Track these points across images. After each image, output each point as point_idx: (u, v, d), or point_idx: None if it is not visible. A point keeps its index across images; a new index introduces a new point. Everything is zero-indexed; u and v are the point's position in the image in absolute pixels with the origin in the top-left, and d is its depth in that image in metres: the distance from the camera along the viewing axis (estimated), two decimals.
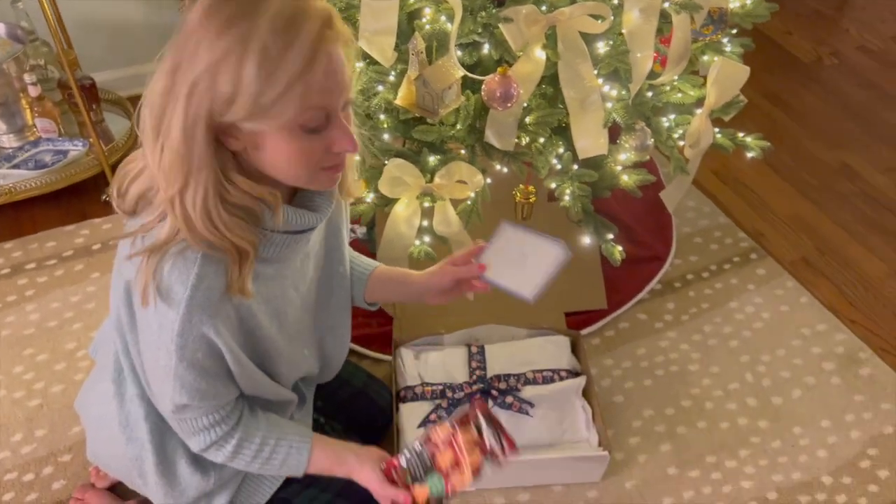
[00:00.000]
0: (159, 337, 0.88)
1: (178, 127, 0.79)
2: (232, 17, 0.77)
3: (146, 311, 0.88)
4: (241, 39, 0.76)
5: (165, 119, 0.80)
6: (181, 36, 0.79)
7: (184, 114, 0.79)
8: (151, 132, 0.82)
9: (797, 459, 1.52)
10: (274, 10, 0.77)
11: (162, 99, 0.80)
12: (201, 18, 0.78)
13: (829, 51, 2.74)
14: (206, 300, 0.87)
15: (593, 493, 1.46)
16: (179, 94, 0.78)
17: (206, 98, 0.78)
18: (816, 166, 2.25)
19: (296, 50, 0.77)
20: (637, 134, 1.40)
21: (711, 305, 1.82)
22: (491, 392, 1.47)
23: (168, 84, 0.79)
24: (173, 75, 0.79)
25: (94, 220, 1.97)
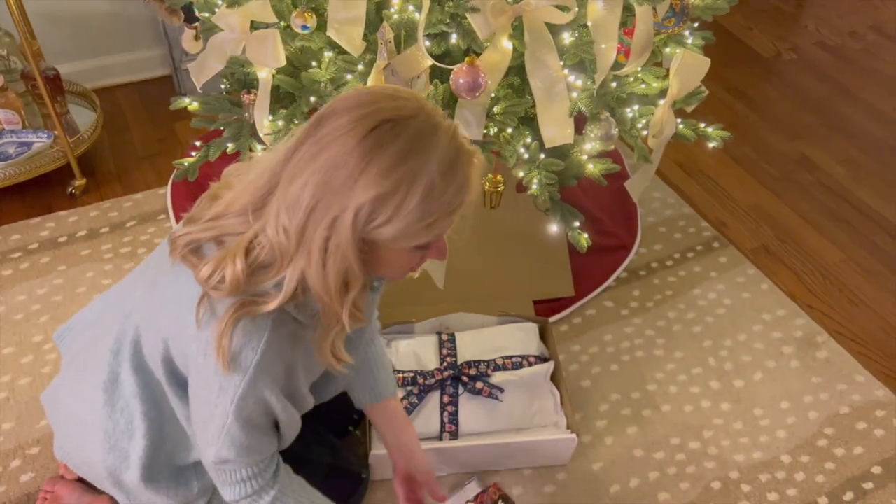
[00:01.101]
0: (218, 397, 0.91)
1: (322, 237, 0.83)
2: (403, 154, 0.80)
3: (206, 369, 0.91)
4: (411, 177, 0.81)
5: (309, 230, 0.83)
6: (332, 153, 0.81)
7: (332, 231, 0.82)
8: (294, 236, 0.84)
9: (758, 440, 1.57)
10: (441, 149, 0.82)
11: (307, 213, 0.83)
12: (365, 150, 0.80)
13: (788, 46, 2.81)
14: (271, 365, 0.91)
15: (562, 476, 1.49)
16: (328, 212, 0.82)
17: (361, 221, 0.82)
18: (776, 157, 2.31)
19: (455, 187, 0.84)
20: (602, 124, 1.43)
21: (675, 292, 1.87)
22: (461, 378, 1.49)
23: (313, 201, 0.82)
24: (321, 192, 0.81)
25: (60, 213, 1.95)
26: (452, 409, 1.47)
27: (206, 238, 0.90)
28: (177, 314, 0.94)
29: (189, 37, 1.55)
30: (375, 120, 0.81)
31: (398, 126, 0.81)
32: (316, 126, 0.84)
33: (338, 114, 0.83)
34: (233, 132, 1.56)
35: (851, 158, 2.31)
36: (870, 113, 2.50)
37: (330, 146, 0.81)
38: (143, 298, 1.03)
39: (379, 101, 0.83)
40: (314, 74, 1.41)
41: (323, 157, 0.82)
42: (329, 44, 1.37)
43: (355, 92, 0.86)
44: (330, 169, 0.81)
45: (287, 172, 0.84)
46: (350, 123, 0.81)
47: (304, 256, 0.85)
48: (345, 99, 0.85)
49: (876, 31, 2.91)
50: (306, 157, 0.83)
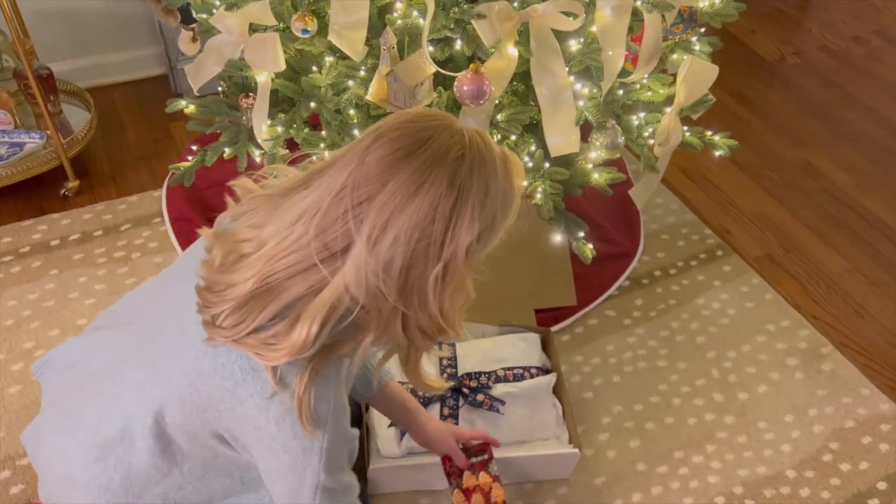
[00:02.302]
0: (304, 459, 0.91)
1: (435, 286, 0.83)
2: (484, 182, 0.83)
3: (282, 435, 0.89)
4: (495, 200, 0.84)
5: (410, 284, 0.83)
6: (417, 204, 0.80)
7: (447, 277, 0.83)
8: (395, 294, 0.83)
9: (762, 454, 1.54)
10: (496, 161, 0.85)
11: (405, 270, 0.82)
12: (454, 194, 0.81)
13: (791, 50, 2.79)
14: (343, 406, 0.92)
15: (563, 490, 1.46)
16: (432, 263, 0.82)
17: (472, 253, 0.85)
18: (780, 164, 2.28)
19: (513, 189, 0.88)
20: (608, 132, 1.40)
21: (679, 302, 1.84)
22: (462, 390, 1.46)
23: (410, 259, 0.81)
24: (418, 248, 0.81)
25: (53, 216, 1.91)
26: (453, 422, 1.44)
27: (266, 317, 0.85)
28: (226, 388, 0.90)
29: (186, 38, 1.52)
30: (450, 164, 0.81)
31: (468, 160, 0.82)
32: (372, 178, 0.81)
33: (399, 161, 0.81)
34: (230, 136, 1.52)
35: (855, 165, 2.29)
36: (874, 119, 2.48)
37: (411, 201, 0.80)
38: (165, 372, 0.96)
39: (436, 137, 0.83)
40: (314, 79, 1.37)
41: (407, 212, 0.80)
42: (330, 48, 1.34)
43: (398, 134, 0.83)
44: (421, 224, 0.80)
45: (364, 234, 0.81)
46: (423, 173, 0.80)
47: (418, 308, 0.85)
48: (395, 143, 0.82)
49: (880, 36, 2.88)
50: (382, 215, 0.80)
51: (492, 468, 1.34)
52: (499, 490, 1.32)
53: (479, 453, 1.35)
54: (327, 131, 1.42)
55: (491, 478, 1.33)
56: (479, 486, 1.31)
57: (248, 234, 0.87)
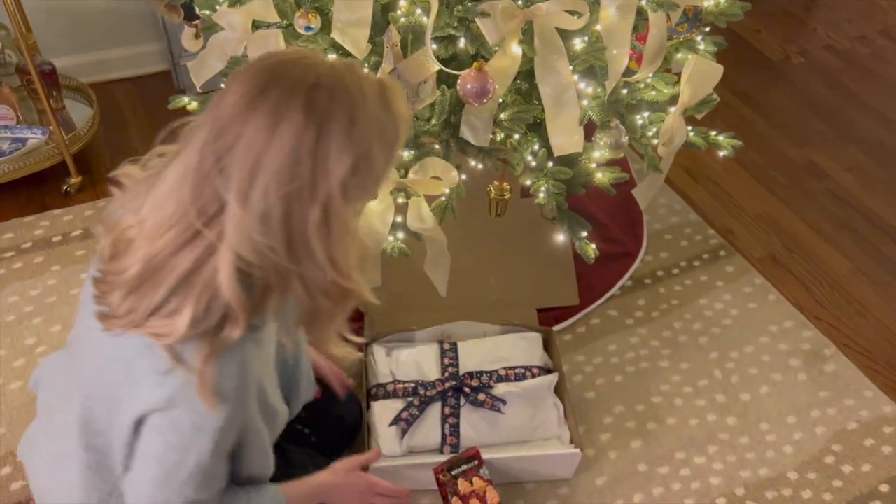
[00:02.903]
0: (192, 438, 0.84)
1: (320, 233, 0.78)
2: (351, 110, 0.77)
3: (172, 416, 0.84)
4: (368, 127, 0.78)
5: (297, 233, 0.78)
6: (278, 145, 0.74)
7: (329, 221, 0.78)
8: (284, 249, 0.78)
9: (764, 455, 1.54)
10: (370, 88, 0.80)
11: (285, 220, 0.77)
12: (317, 125, 0.75)
13: (796, 49, 2.78)
14: (251, 384, 0.86)
15: (564, 490, 1.46)
16: (313, 206, 0.77)
17: (351, 193, 0.79)
18: (784, 164, 2.27)
19: (394, 119, 0.83)
20: (612, 131, 1.40)
21: (681, 302, 1.83)
22: (463, 389, 1.46)
23: (286, 205, 0.76)
24: (291, 191, 0.75)
25: (55, 211, 1.91)
26: (454, 421, 1.44)
27: (161, 297, 0.80)
28: (121, 370, 0.86)
29: (189, 35, 1.51)
30: (303, 94, 0.75)
31: (326, 87, 0.76)
32: (229, 125, 0.75)
33: (251, 102, 0.74)
34: None
35: (860, 166, 2.28)
36: (878, 119, 2.47)
37: (271, 143, 0.74)
38: (80, 373, 0.93)
39: (284, 71, 0.76)
40: None
41: (269, 156, 0.74)
42: (333, 46, 1.33)
43: (247, 76, 0.77)
44: (287, 166, 0.74)
45: (232, 189, 0.75)
46: (277, 110, 0.74)
47: (307, 261, 0.79)
48: (245, 85, 0.76)
49: (885, 36, 2.87)
50: (246, 164, 0.74)
51: (483, 473, 1.35)
52: (493, 493, 1.33)
53: (470, 460, 1.36)
54: None
55: (484, 482, 1.33)
56: (475, 490, 1.32)
57: (131, 219, 0.83)
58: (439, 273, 1.53)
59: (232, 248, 0.77)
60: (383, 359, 1.53)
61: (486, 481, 1.35)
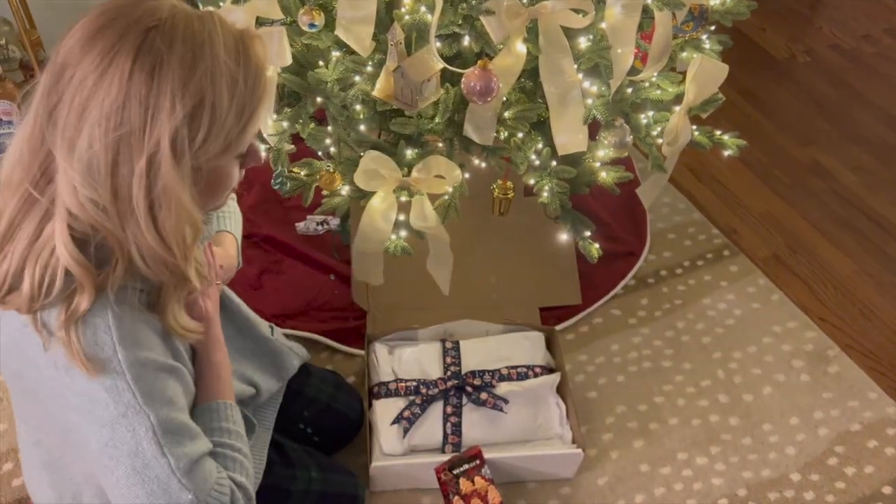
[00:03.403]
0: (117, 403, 0.77)
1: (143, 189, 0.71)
2: (190, 57, 0.70)
3: (78, 383, 0.77)
4: (210, 77, 0.71)
5: (123, 189, 0.71)
6: (106, 92, 0.68)
7: (153, 177, 0.71)
8: (110, 204, 0.72)
9: (767, 456, 1.53)
10: (222, 37, 0.73)
11: (111, 171, 0.70)
12: (148, 71, 0.69)
13: (802, 48, 2.76)
14: (136, 334, 0.78)
15: (566, 490, 1.46)
16: (138, 157, 0.70)
17: (182, 148, 0.72)
18: (788, 164, 2.27)
19: (253, 70, 0.76)
20: (616, 131, 1.39)
21: (684, 302, 1.83)
22: (465, 388, 1.46)
23: (112, 154, 0.70)
24: (117, 140, 0.69)
25: None
26: (456, 420, 1.44)
27: (14, 268, 0.75)
28: (15, 355, 0.81)
29: None
30: (138, 34, 0.69)
31: (165, 30, 0.70)
32: (63, 71, 0.70)
33: (84, 45, 0.69)
34: None
35: (864, 166, 2.27)
36: (884, 118, 2.45)
37: (99, 86, 0.68)
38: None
39: (124, 12, 0.71)
40: (321, 74, 1.36)
41: (97, 100, 0.68)
42: (337, 43, 1.33)
43: (86, 19, 0.72)
44: (115, 110, 0.68)
45: (58, 140, 0.70)
46: (109, 51, 0.68)
47: (132, 221, 0.72)
48: (81, 29, 0.71)
49: (891, 35, 2.85)
50: (74, 111, 0.69)
51: (485, 472, 1.34)
52: (494, 492, 1.32)
53: (471, 459, 1.36)
54: (333, 127, 1.41)
55: (485, 481, 1.33)
56: (476, 490, 1.32)
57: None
58: (442, 271, 1.52)
59: (64, 207, 0.72)
60: (385, 357, 1.53)
61: (488, 481, 1.35)
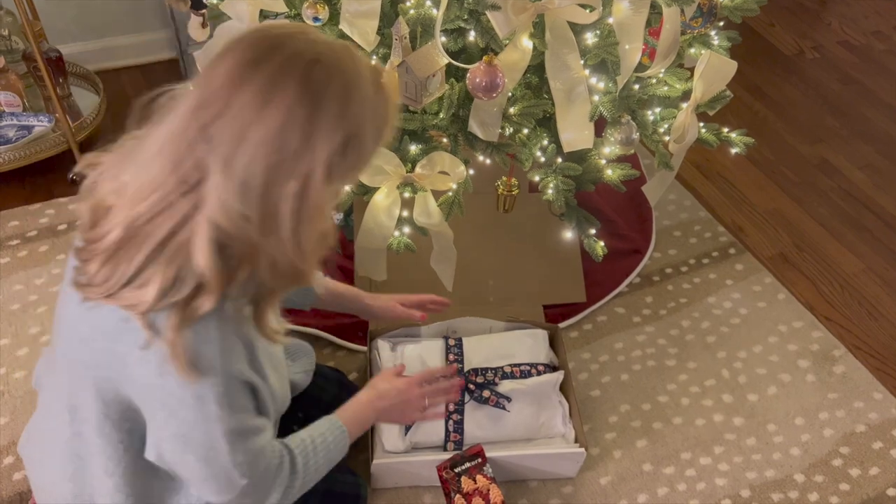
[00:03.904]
0: (202, 408, 0.84)
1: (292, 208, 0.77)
2: (346, 88, 0.76)
3: (169, 387, 0.82)
4: (361, 108, 0.77)
5: (271, 207, 0.77)
6: (270, 114, 0.73)
7: (304, 198, 0.77)
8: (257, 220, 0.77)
9: (771, 457, 1.52)
10: (365, 70, 0.79)
11: (264, 191, 0.76)
12: (311, 100, 0.74)
13: (811, 44, 2.74)
14: (233, 347, 0.85)
15: (568, 489, 1.45)
16: (291, 179, 0.76)
17: (334, 172, 0.78)
18: (796, 161, 2.25)
19: (385, 101, 0.83)
20: (623, 127, 1.38)
21: (689, 300, 1.81)
22: (468, 386, 1.45)
23: (267, 175, 0.75)
24: (275, 163, 0.74)
25: (60, 200, 1.90)
26: (458, 418, 1.43)
27: (136, 266, 0.78)
28: (105, 348, 0.84)
29: (196, 24, 1.50)
30: (301, 67, 0.74)
31: (324, 64, 0.75)
32: (221, 91, 0.74)
33: (245, 71, 0.74)
34: None
35: (872, 164, 2.25)
36: (893, 116, 2.43)
37: (262, 112, 0.73)
38: (63, 355, 0.91)
39: (284, 42, 0.75)
40: None
41: (259, 125, 0.73)
42: (341, 37, 1.32)
43: (245, 44, 0.76)
44: (275, 136, 0.73)
45: (213, 155, 0.74)
46: (272, 80, 0.73)
47: (274, 235, 0.78)
48: (242, 53, 0.75)
49: None
50: (233, 131, 0.73)
51: (486, 471, 1.34)
52: (496, 491, 1.32)
53: (473, 457, 1.35)
54: None
55: (487, 480, 1.33)
56: (478, 489, 1.31)
57: (109, 186, 0.82)
58: (445, 268, 1.51)
59: (210, 215, 0.76)
60: (388, 354, 1.52)
61: (490, 479, 1.34)
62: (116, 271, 0.79)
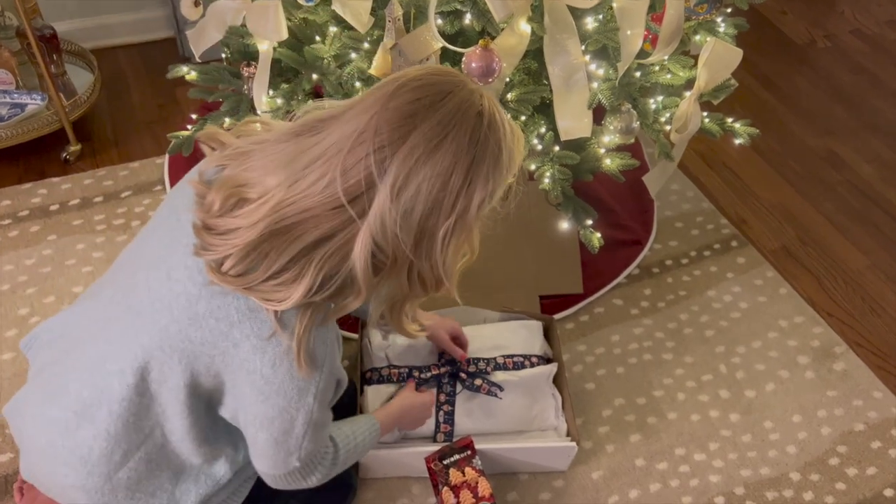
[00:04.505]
0: (300, 400, 0.92)
1: (445, 237, 0.86)
2: (498, 138, 0.86)
3: (277, 378, 0.90)
4: (509, 157, 0.87)
5: (427, 236, 0.85)
6: (440, 157, 0.82)
7: (456, 230, 0.86)
8: (411, 245, 0.85)
9: (766, 454, 1.50)
10: (505, 119, 0.88)
11: (422, 221, 0.84)
12: (473, 149, 0.83)
13: (822, 33, 2.68)
14: (336, 349, 0.95)
15: (559, 483, 1.43)
16: (447, 214, 0.84)
17: (483, 209, 0.88)
18: (803, 153, 2.20)
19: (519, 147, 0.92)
20: (623, 116, 1.34)
21: (689, 293, 1.78)
22: (459, 375, 1.43)
23: (428, 208, 0.83)
24: (438, 199, 0.83)
25: (53, 180, 1.88)
26: (448, 409, 1.41)
27: (282, 263, 0.84)
28: (220, 331, 0.89)
29: (188, 3, 1.46)
30: (470, 119, 0.83)
31: (485, 114, 0.84)
32: (398, 127, 0.81)
33: (419, 115, 0.82)
34: (231, 106, 1.47)
35: (882, 157, 2.20)
36: None
37: (433, 154, 0.81)
38: (151, 321, 0.92)
39: (456, 92, 0.84)
40: (317, 50, 1.32)
41: (430, 164, 0.81)
42: (334, 18, 1.28)
43: (425, 84, 0.84)
44: (443, 174, 0.82)
45: (385, 184, 0.81)
46: (448, 126, 0.82)
47: (426, 257, 0.87)
48: (413, 93, 0.83)
49: None
50: (405, 167, 0.81)
51: (476, 463, 1.32)
52: (485, 484, 1.30)
53: (463, 450, 1.33)
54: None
55: (476, 472, 1.31)
56: (466, 481, 1.29)
57: (246, 179, 0.86)
58: None
59: (370, 230, 0.83)
60: (379, 343, 1.49)
61: (479, 472, 1.32)
62: (257, 267, 0.84)
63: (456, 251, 0.89)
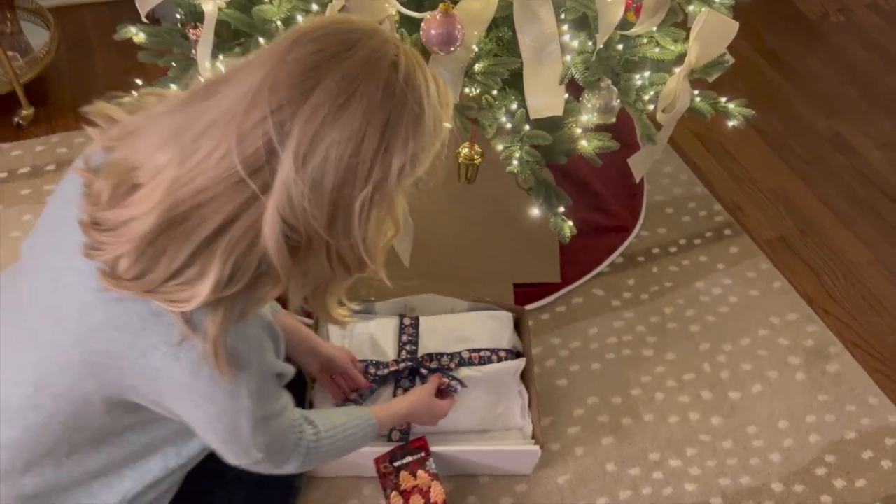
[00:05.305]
0: (233, 403, 0.83)
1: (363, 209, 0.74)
2: (418, 95, 0.74)
3: (201, 384, 0.80)
4: (432, 114, 0.76)
5: (342, 208, 0.74)
6: (349, 117, 0.70)
7: (375, 201, 0.75)
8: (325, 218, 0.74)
9: (748, 462, 1.40)
10: (430, 74, 0.77)
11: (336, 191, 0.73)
12: (389, 105, 0.72)
13: (837, 6, 2.52)
14: (263, 342, 0.85)
15: (522, 487, 1.34)
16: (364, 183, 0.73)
17: (403, 176, 0.76)
18: (807, 135, 2.06)
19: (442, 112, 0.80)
20: (601, 93, 1.21)
21: (675, 284, 1.67)
22: (420, 371, 1.33)
23: (341, 176, 0.72)
24: (351, 165, 0.71)
25: (3, 145, 1.78)
26: None
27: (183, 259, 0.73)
28: (124, 341, 0.79)
29: None
30: (385, 68, 0.72)
31: (401, 65, 0.73)
32: (300, 80, 0.70)
33: (325, 64, 0.70)
34: (178, 71, 1.36)
35: (892, 141, 2.06)
36: None
37: (341, 112, 0.70)
38: (42, 334, 0.83)
39: (364, 41, 0.73)
40: (265, 12, 1.19)
41: (338, 125, 0.70)
42: None
43: (328, 34, 0.72)
44: (354, 136, 0.71)
45: (289, 149, 0.70)
46: (357, 79, 0.71)
47: (343, 235, 0.75)
48: (314, 44, 0.72)
49: None
50: (310, 127, 0.70)
51: (429, 466, 1.22)
52: (438, 488, 1.20)
53: (416, 451, 1.23)
54: None
55: (429, 476, 1.21)
56: (418, 486, 1.20)
57: (136, 161, 0.74)
58: (402, 241, 1.38)
59: (277, 206, 0.72)
60: (337, 332, 1.39)
61: (432, 475, 1.23)
62: (155, 265, 0.73)
63: (377, 226, 0.78)
